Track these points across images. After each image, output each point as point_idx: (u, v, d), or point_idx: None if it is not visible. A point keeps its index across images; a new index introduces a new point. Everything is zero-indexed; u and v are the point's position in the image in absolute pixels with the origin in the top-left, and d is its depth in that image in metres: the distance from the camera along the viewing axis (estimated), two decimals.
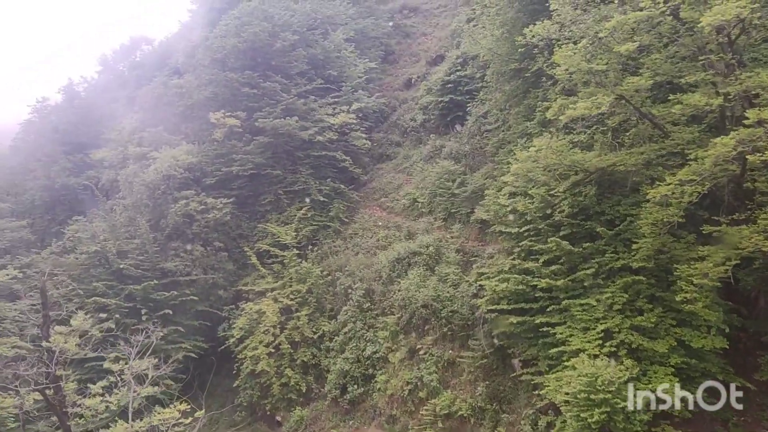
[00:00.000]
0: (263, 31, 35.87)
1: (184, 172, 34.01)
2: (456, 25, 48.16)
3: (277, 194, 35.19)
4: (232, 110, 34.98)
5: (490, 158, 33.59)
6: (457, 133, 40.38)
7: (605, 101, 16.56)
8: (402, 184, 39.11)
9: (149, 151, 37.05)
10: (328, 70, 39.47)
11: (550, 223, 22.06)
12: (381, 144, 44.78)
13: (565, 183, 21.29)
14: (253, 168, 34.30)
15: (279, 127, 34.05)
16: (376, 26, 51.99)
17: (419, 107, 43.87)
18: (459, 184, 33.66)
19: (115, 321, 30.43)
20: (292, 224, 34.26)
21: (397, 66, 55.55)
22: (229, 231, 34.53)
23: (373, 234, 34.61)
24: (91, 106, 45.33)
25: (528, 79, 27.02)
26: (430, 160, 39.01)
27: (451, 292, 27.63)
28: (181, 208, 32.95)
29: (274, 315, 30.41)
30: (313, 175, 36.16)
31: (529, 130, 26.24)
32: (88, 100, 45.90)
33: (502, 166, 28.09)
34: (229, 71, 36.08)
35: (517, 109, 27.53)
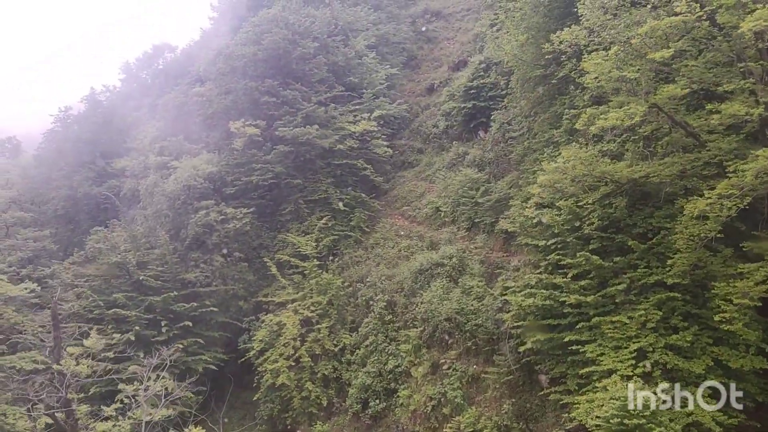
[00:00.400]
0: (283, 38, 35.49)
1: (204, 181, 33.69)
2: (479, 30, 47.44)
3: (298, 204, 34.71)
4: (252, 119, 34.62)
5: (515, 166, 32.78)
6: (480, 139, 39.58)
7: (638, 111, 15.73)
8: (424, 192, 38.42)
9: (170, 161, 36.85)
10: (349, 77, 38.96)
11: (579, 236, 21.22)
12: (403, 151, 44.14)
13: (594, 194, 20.44)
14: (273, 177, 33.89)
15: (299, 136, 33.60)
16: (398, 31, 51.44)
17: (441, 113, 43.15)
18: (483, 192, 32.88)
19: (135, 333, 30.13)
20: (312, 234, 33.75)
21: (419, 71, 54.89)
22: (250, 241, 34.11)
23: (395, 244, 33.97)
24: (113, 115, 45.38)
25: (554, 85, 26.22)
26: (453, 167, 38.28)
27: (475, 305, 26.88)
28: (201, 218, 32.62)
29: (295, 327, 29.89)
30: (334, 184, 35.64)
31: (555, 139, 25.40)
32: (111, 108, 45.97)
33: (528, 176, 27.32)
34: (249, 79, 35.73)
35: (543, 117, 26.72)
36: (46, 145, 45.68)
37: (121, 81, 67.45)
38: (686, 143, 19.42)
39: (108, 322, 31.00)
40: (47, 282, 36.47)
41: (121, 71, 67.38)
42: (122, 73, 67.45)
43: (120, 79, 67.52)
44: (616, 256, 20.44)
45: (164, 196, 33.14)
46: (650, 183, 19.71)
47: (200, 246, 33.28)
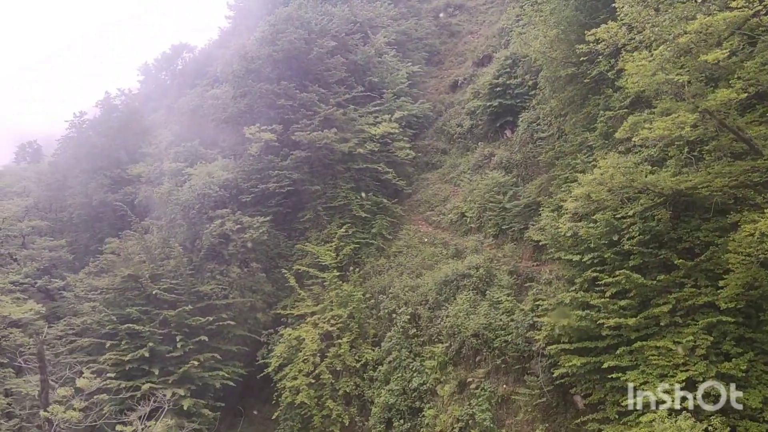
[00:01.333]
0: (299, 38, 34.00)
1: (219, 189, 32.45)
2: (504, 23, 45.45)
3: (317, 211, 33.30)
4: (268, 123, 33.24)
5: (545, 169, 30.97)
6: (507, 139, 37.79)
7: (688, 120, 13.93)
8: (449, 195, 36.75)
9: (184, 167, 35.71)
10: (369, 76, 37.39)
11: (618, 251, 19.46)
12: (426, 152, 42.47)
13: (634, 205, 18.66)
14: (291, 184, 32.51)
15: (317, 141, 32.15)
16: (420, 26, 49.69)
17: (466, 112, 41.41)
18: (510, 197, 31.16)
19: (149, 349, 29.06)
20: (332, 243, 32.33)
21: (442, 67, 53.07)
22: (267, 250, 32.84)
23: (419, 252, 32.38)
24: (129, 119, 44.39)
25: (587, 84, 24.33)
26: (479, 169, 36.55)
27: (504, 320, 25.23)
28: (216, 228, 31.39)
29: (314, 342, 28.52)
30: (354, 189, 34.14)
31: (589, 143, 23.59)
32: (126, 113, 45.00)
33: (559, 182, 25.55)
34: (265, 82, 34.35)
35: (575, 118, 24.89)
36: (62, 151, 44.98)
37: (140, 82, 66.93)
38: (735, 149, 17.55)
39: (122, 338, 29.96)
40: (62, 294, 35.68)
41: (140, 72, 66.82)
42: (141, 75, 66.92)
43: (139, 81, 67.03)
44: (660, 273, 18.68)
45: (178, 206, 31.95)
46: (697, 193, 17.88)
47: (216, 256, 32.07)
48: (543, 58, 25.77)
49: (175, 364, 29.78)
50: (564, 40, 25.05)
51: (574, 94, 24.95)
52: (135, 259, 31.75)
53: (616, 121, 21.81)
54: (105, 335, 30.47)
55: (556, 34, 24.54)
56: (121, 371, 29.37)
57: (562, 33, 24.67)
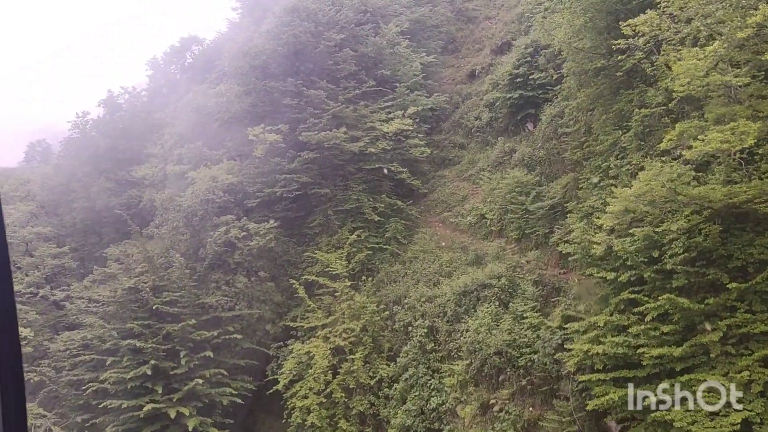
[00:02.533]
0: (305, 31, 31.87)
1: (224, 194, 30.62)
2: (524, 8, 42.89)
3: (327, 215, 31.37)
4: (273, 123, 31.27)
5: (570, 167, 28.72)
6: (528, 133, 35.48)
7: (751, 130, 11.69)
8: (467, 195, 34.61)
9: (188, 170, 33.95)
10: (381, 69, 35.19)
11: (659, 269, 17.27)
12: (442, 147, 40.26)
13: (677, 218, 16.45)
14: (299, 188, 30.55)
15: (325, 141, 30.13)
16: (435, 13, 47.24)
17: (485, 104, 39.08)
18: (534, 198, 28.96)
19: (151, 367, 27.47)
20: (343, 249, 30.42)
21: (458, 55, 50.60)
22: (275, 258, 31.03)
23: (436, 258, 30.35)
24: (134, 119, 42.69)
25: (618, 77, 22.00)
26: (499, 166, 34.35)
27: (530, 336, 23.19)
28: (220, 235, 29.63)
29: (325, 359, 26.71)
30: (366, 191, 32.13)
31: (622, 143, 21.26)
32: (131, 112, 43.30)
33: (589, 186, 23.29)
34: (270, 78, 32.33)
35: (605, 116, 22.54)
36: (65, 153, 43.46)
37: (149, 77, 65.24)
38: None
39: (123, 354, 28.44)
40: (64, 305, 34.27)
41: (149, 66, 65.10)
42: (149, 69, 65.17)
43: (147, 75, 65.33)
44: (708, 295, 16.48)
45: (180, 213, 30.19)
46: (751, 205, 15.63)
47: (221, 265, 30.35)
48: (568, 49, 23.43)
49: (180, 380, 28.24)
50: (592, 29, 22.74)
51: (603, 89, 22.61)
52: (137, 269, 30.13)
53: (654, 120, 19.58)
54: (106, 351, 28.99)
55: (583, 23, 22.19)
56: (123, 390, 27.89)
57: (590, 21, 22.32)
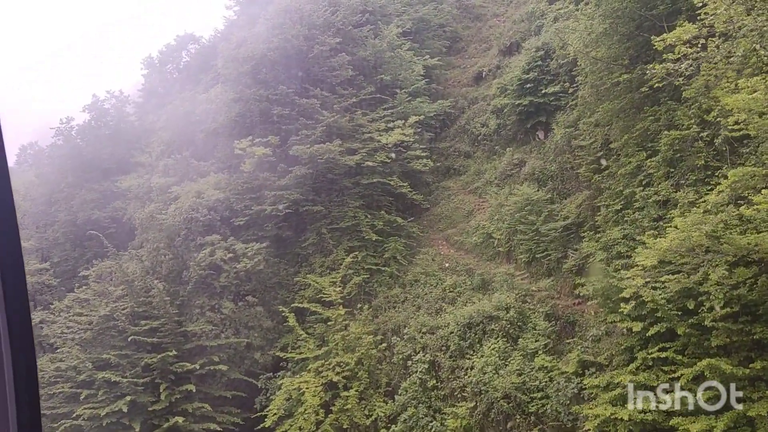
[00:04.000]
0: (296, 35, 29.39)
1: (209, 212, 28.30)
2: (534, 6, 40.30)
3: (321, 234, 29.01)
4: (263, 135, 28.90)
5: (585, 184, 26.27)
6: (539, 142, 33.02)
7: None
8: (473, 210, 32.19)
9: (174, 182, 31.66)
10: (380, 74, 32.71)
11: (695, 323, 14.83)
12: (447, 155, 37.82)
13: (718, 266, 13.99)
14: (289, 206, 28.15)
15: (318, 155, 27.71)
16: (439, 11, 44.69)
17: (492, 110, 36.60)
18: (546, 218, 26.52)
19: (128, 403, 25.24)
20: (338, 271, 28.07)
21: (464, 55, 48.05)
22: (265, 280, 28.70)
23: (438, 281, 27.97)
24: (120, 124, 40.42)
25: (642, 92, 19.47)
26: (507, 179, 31.93)
27: (541, 379, 20.87)
28: (204, 257, 27.35)
29: (316, 397, 24.40)
30: (364, 207, 29.77)
31: (648, 168, 18.75)
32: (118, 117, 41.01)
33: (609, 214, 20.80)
34: (260, 85, 29.91)
35: (627, 135, 20.01)
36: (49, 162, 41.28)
37: (144, 77, 62.95)
38: None
39: (99, 386, 26.23)
40: (41, 328, 32.05)
41: (144, 66, 62.73)
42: (144, 68, 62.82)
43: (143, 75, 63.05)
44: (753, 356, 14.06)
45: (162, 232, 27.89)
46: None
47: (206, 289, 28.04)
48: (585, 58, 20.90)
49: (160, 416, 26.04)
50: (612, 37, 20.23)
51: (624, 104, 20.09)
52: (115, 292, 27.90)
53: (685, 144, 17.08)
54: (82, 383, 26.76)
55: (604, 29, 19.65)
56: (97, 426, 25.68)
57: (611, 28, 19.81)
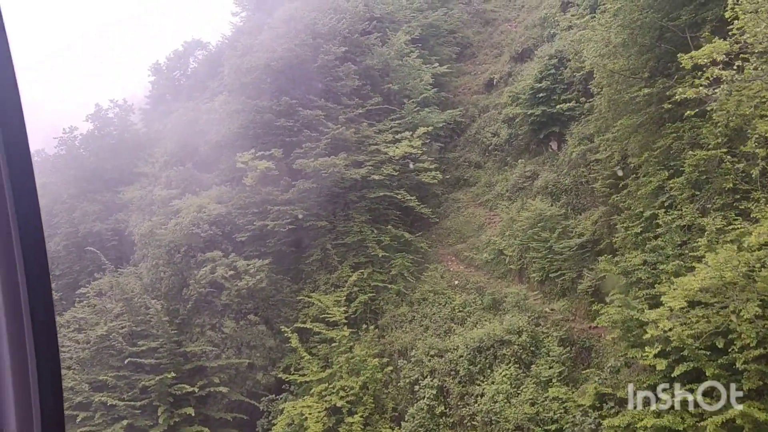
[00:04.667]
0: (300, 44, 28.40)
1: (210, 228, 27.37)
2: (547, 11, 39.11)
3: (325, 250, 28.00)
4: (266, 147, 27.93)
5: (601, 200, 25.12)
6: (552, 154, 31.88)
7: None
8: (484, 224, 31.09)
9: (177, 194, 30.79)
10: (387, 84, 31.69)
11: (725, 363, 13.68)
12: (456, 165, 36.72)
13: (750, 304, 12.83)
14: (292, 222, 27.15)
15: (323, 169, 26.71)
16: (450, 17, 43.60)
17: (503, 119, 35.51)
18: (560, 234, 25.43)
19: (125, 427, 24.35)
20: (343, 288, 27.08)
21: (475, 61, 46.94)
22: (268, 298, 27.73)
23: (447, 300, 26.90)
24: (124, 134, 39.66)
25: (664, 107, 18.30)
26: (519, 192, 30.82)
27: (556, 409, 19.75)
28: (205, 274, 26.43)
29: (319, 423, 23.38)
30: (370, 222, 28.75)
31: (670, 189, 17.58)
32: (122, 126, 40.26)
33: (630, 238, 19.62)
34: (264, 96, 28.96)
35: (647, 152, 18.83)
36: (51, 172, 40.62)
37: (151, 83, 62.22)
38: None
39: (96, 409, 25.35)
40: None
41: (151, 72, 61.95)
42: (152, 75, 62.08)
43: (150, 81, 62.32)
44: None
45: (161, 248, 26.98)
46: None
47: (207, 307, 27.16)
48: (602, 71, 19.75)
49: None
50: (631, 48, 19.08)
51: (644, 120, 18.92)
52: (113, 311, 27.04)
53: (711, 165, 15.92)
54: (78, 405, 25.87)
55: (622, 41, 18.50)
56: None
57: (630, 39, 18.65)
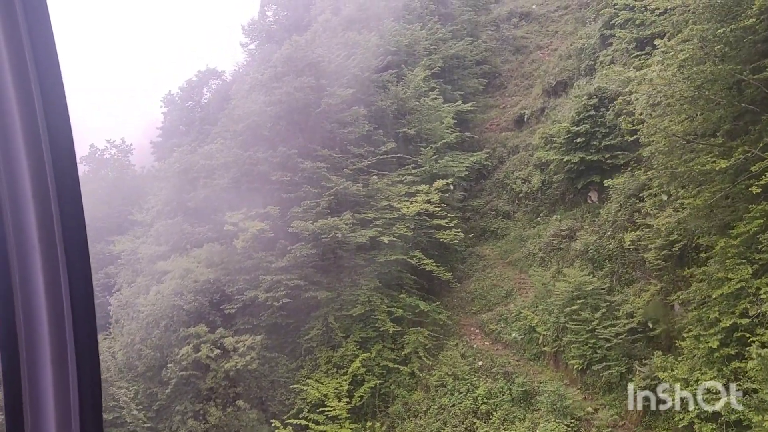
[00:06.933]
0: (300, 87, 24.75)
1: (195, 297, 23.78)
2: (585, 41, 34.99)
3: (327, 323, 24.19)
4: (261, 204, 24.32)
5: (656, 273, 20.82)
6: (592, 205, 27.74)
7: None
8: (513, 289, 26.99)
9: (164, 253, 27.39)
10: (402, 128, 27.92)
11: None
12: (482, 213, 32.75)
13: None
14: (288, 294, 23.37)
15: (323, 233, 22.94)
16: (476, 46, 39.82)
17: (535, 163, 31.47)
18: (604, 315, 21.20)
19: None
20: (347, 369, 23.22)
21: (504, 93, 43.02)
22: (260, 378, 23.98)
23: (469, 387, 22.82)
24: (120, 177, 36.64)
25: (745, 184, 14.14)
26: (554, 253, 26.75)
27: None
28: (187, 354, 22.79)
29: None
30: (380, 290, 24.86)
31: (759, 292, 13.36)
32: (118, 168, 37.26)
33: (700, 351, 15.39)
34: (261, 145, 25.39)
35: (724, 240, 14.61)
36: None
37: (164, 114, 59.71)
38: None
39: None
40: None
41: (164, 104, 59.48)
42: (164, 106, 59.56)
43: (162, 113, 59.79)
44: None
45: (138, 322, 23.47)
46: None
47: (190, 391, 23.44)
48: (660, 133, 15.64)
49: None
50: (697, 102, 14.99)
51: (719, 198, 14.74)
52: None
53: None
54: None
55: (687, 88, 14.40)
56: None
57: (697, 92, 14.56)
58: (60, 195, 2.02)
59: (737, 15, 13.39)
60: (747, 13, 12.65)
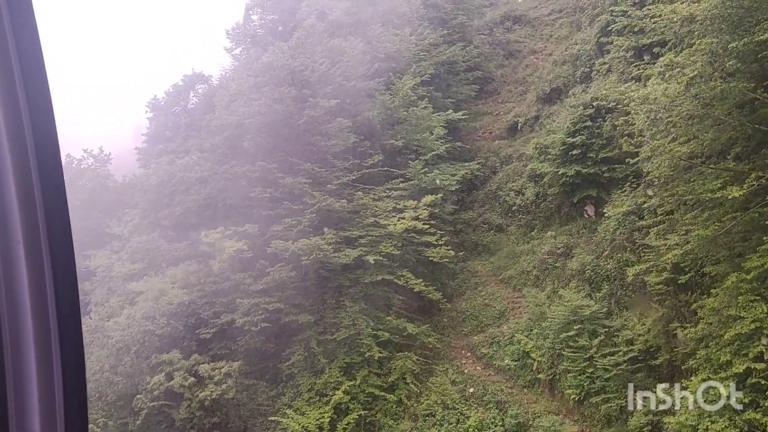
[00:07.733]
0: (281, 99, 23.38)
1: (168, 322, 22.40)
2: (580, 47, 33.72)
3: (309, 348, 22.84)
4: (239, 222, 22.95)
5: (658, 299, 19.53)
6: (588, 221, 26.49)
7: None
8: (506, 310, 25.71)
9: (139, 272, 26.01)
10: (390, 139, 26.60)
11: None
12: (474, 227, 31.46)
13: None
14: (267, 319, 22.02)
15: (304, 253, 21.57)
16: (468, 51, 38.48)
17: (529, 175, 30.21)
18: (602, 342, 19.92)
19: None
20: (330, 398, 21.87)
21: (497, 99, 41.77)
22: (238, 407, 22.60)
23: (460, 418, 21.52)
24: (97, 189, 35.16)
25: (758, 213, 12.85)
26: (549, 272, 25.45)
27: None
28: (159, 383, 21.41)
29: None
30: (365, 311, 23.49)
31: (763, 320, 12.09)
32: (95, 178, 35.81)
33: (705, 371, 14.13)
34: (239, 158, 24.05)
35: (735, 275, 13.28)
36: None
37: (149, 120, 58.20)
38: None
39: None
40: None
41: (149, 109, 57.96)
42: (150, 111, 58.05)
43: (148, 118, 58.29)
44: None
45: (106, 350, 22.06)
46: None
47: (162, 422, 22.07)
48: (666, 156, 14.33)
49: None
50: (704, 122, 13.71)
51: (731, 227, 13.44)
52: None
53: None
54: None
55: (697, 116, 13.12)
56: None
57: (704, 111, 13.27)
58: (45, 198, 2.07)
59: (749, 28, 12.14)
60: (762, 27, 11.38)
